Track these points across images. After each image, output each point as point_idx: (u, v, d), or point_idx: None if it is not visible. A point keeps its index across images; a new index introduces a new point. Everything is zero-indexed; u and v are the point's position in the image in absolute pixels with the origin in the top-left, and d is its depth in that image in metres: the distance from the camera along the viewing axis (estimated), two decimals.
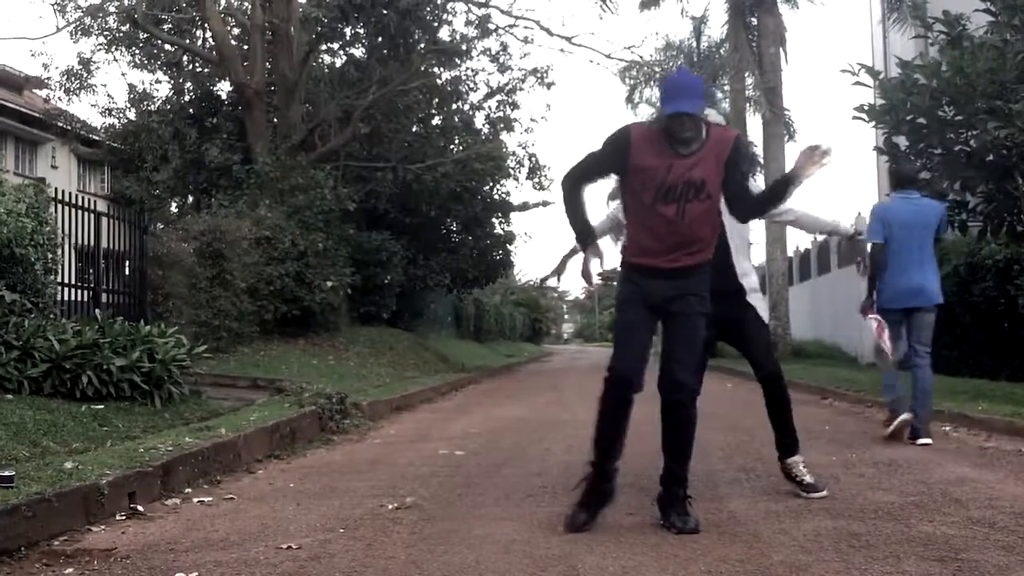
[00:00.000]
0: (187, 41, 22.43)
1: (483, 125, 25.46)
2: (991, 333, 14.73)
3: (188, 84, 23.55)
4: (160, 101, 23.45)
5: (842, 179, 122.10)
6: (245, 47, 20.96)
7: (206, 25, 21.01)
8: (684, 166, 4.27)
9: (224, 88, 22.93)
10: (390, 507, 4.93)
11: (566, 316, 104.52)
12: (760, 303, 5.31)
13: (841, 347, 23.93)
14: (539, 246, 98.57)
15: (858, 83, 9.78)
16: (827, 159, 4.30)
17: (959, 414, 8.47)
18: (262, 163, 17.95)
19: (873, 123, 10.00)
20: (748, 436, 7.93)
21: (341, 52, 23.96)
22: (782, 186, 4.47)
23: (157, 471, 5.23)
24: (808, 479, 5.17)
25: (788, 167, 4.58)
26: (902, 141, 10.00)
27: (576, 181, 4.52)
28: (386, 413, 10.55)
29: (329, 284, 16.59)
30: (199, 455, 5.81)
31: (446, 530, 4.36)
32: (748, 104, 27.20)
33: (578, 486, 4.49)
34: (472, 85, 24.82)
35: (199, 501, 5.18)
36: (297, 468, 6.54)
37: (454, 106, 24.91)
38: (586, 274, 4.82)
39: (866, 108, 9.85)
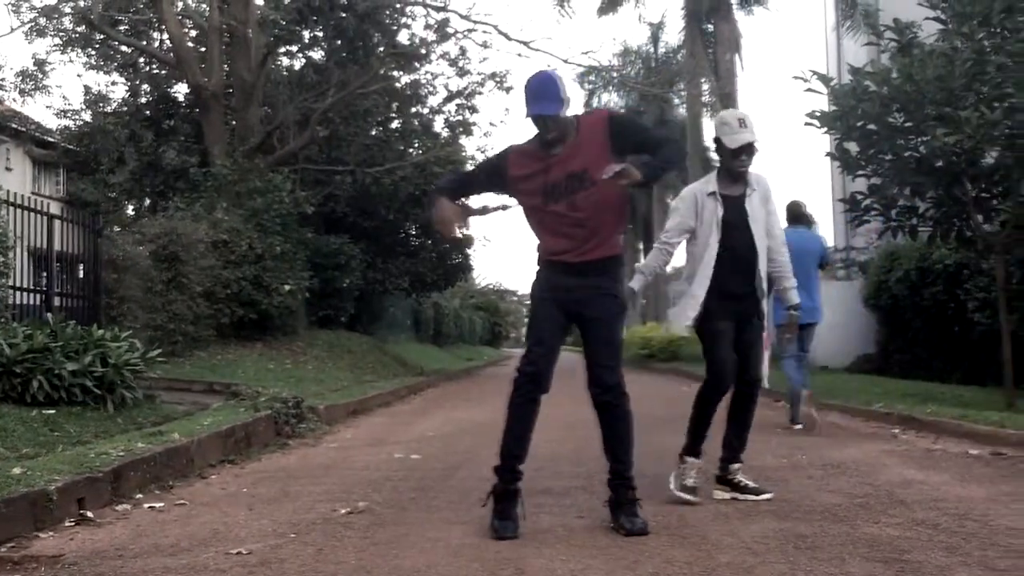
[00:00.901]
0: (144, 43, 22.27)
1: (442, 129, 25.44)
2: (942, 336, 14.98)
3: (145, 86, 23.38)
4: (116, 103, 23.27)
5: (797, 185, 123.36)
6: (202, 49, 20.85)
7: (163, 27, 20.84)
8: (560, 162, 4.37)
9: (181, 90, 22.83)
10: (342, 512, 4.92)
11: (525, 320, 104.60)
12: (767, 309, 5.40)
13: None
14: (499, 249, 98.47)
15: (810, 90, 9.92)
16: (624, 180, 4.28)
17: (908, 416, 8.59)
18: (219, 166, 17.84)
19: (825, 129, 10.13)
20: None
21: (300, 55, 23.88)
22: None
23: (108, 477, 5.19)
24: (751, 483, 5.26)
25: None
26: (853, 147, 10.13)
27: (447, 193, 4.61)
28: (343, 417, 10.51)
29: (287, 288, 16.51)
30: (151, 460, 5.77)
31: (398, 534, 4.36)
32: (704, 109, 27.43)
33: (488, 499, 4.48)
34: (431, 89, 24.81)
35: (150, 507, 5.15)
36: (251, 473, 6.52)
37: (413, 110, 24.88)
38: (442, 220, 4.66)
39: (818, 114, 9.97)
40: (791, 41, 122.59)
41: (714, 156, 20.03)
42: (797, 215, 8.90)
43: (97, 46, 22.28)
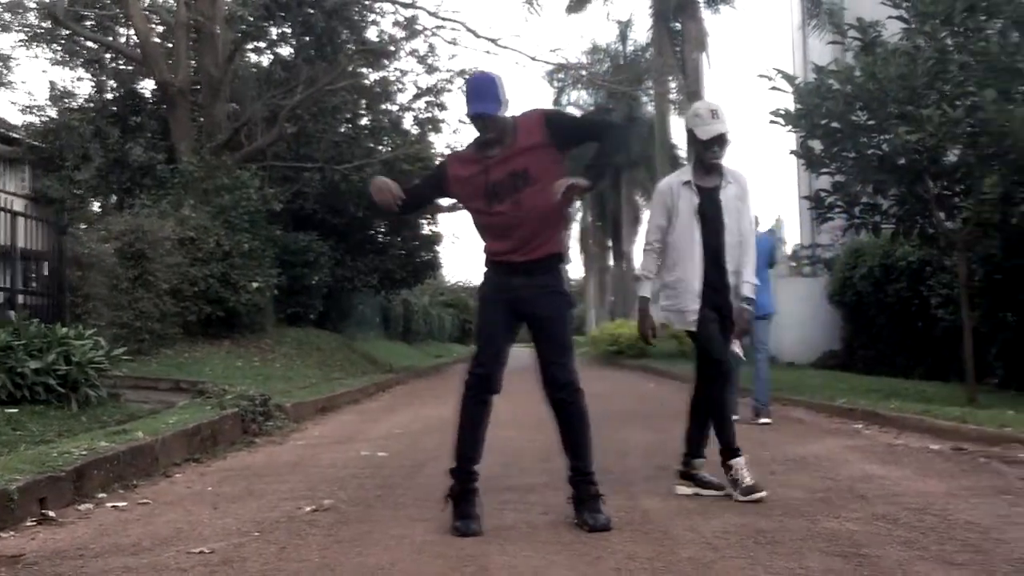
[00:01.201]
0: (110, 38, 22.03)
1: (411, 126, 25.40)
2: (905, 333, 15.12)
3: (111, 82, 23.14)
4: (82, 99, 23.01)
5: (764, 182, 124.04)
6: (169, 45, 20.66)
7: (129, 22, 20.66)
8: (499, 162, 4.42)
9: (148, 86, 22.59)
10: (307, 509, 4.92)
11: None
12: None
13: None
14: (468, 247, 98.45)
15: (775, 88, 9.98)
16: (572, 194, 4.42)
17: (871, 412, 8.67)
18: (186, 162, 17.72)
19: (789, 127, 10.20)
20: (667, 435, 8.02)
21: (268, 51, 23.78)
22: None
23: (70, 476, 5.15)
24: (749, 480, 5.21)
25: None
26: (817, 145, 10.21)
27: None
28: (310, 414, 10.50)
29: (255, 285, 16.44)
30: (114, 459, 5.74)
31: (362, 532, 4.37)
32: (672, 107, 27.56)
33: (446, 502, 4.49)
34: (400, 86, 24.75)
35: (113, 506, 5.12)
36: (216, 471, 6.49)
37: (382, 107, 24.82)
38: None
39: (782, 112, 10.05)
40: (758, 40, 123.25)
41: (682, 154, 20.28)
42: None
43: (63, 41, 22.05)
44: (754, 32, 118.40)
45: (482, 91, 4.39)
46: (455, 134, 34.53)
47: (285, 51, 23.21)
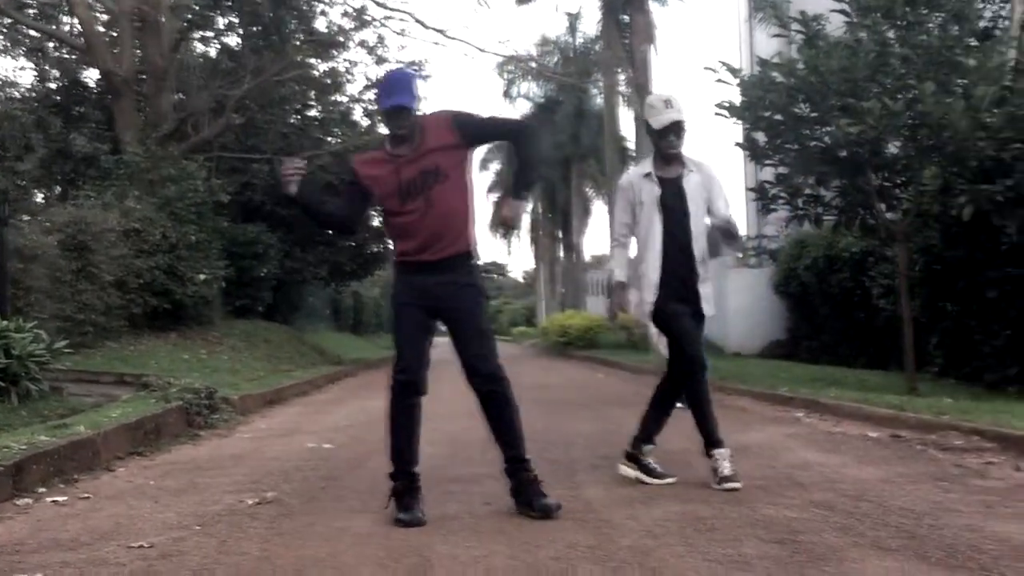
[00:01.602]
0: (53, 27, 21.71)
1: (361, 117, 25.32)
2: (848, 322, 15.35)
3: (54, 71, 22.86)
4: (24, 89, 22.70)
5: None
6: (113, 34, 20.40)
7: (72, 11, 20.35)
8: (409, 162, 4.44)
9: (91, 76, 22.33)
10: (249, 503, 4.90)
11: None
12: (708, 293, 5.35)
13: (708, 337, 24.50)
14: None
15: (720, 80, 10.07)
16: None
17: (812, 400, 8.79)
18: (131, 153, 17.50)
19: (734, 119, 10.29)
20: (614, 425, 8.11)
21: (214, 41, 23.56)
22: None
23: (8, 471, 5.09)
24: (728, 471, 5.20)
25: None
26: (762, 137, 10.32)
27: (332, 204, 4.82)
28: (257, 407, 10.43)
29: (202, 277, 16.30)
30: (54, 454, 5.68)
31: (304, 524, 4.36)
32: (621, 99, 27.68)
33: (389, 501, 4.50)
34: (350, 77, 24.67)
35: (52, 501, 5.06)
36: (160, 465, 6.44)
37: (332, 98, 24.69)
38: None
39: (727, 105, 10.13)
40: (707, 33, 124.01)
41: (631, 146, 20.37)
42: None
43: (4, 30, 21.71)
44: (702, 25, 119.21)
45: (401, 85, 4.44)
46: None
47: (232, 41, 23.06)
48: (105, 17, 21.18)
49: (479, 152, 4.90)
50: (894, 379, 11.36)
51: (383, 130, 20.72)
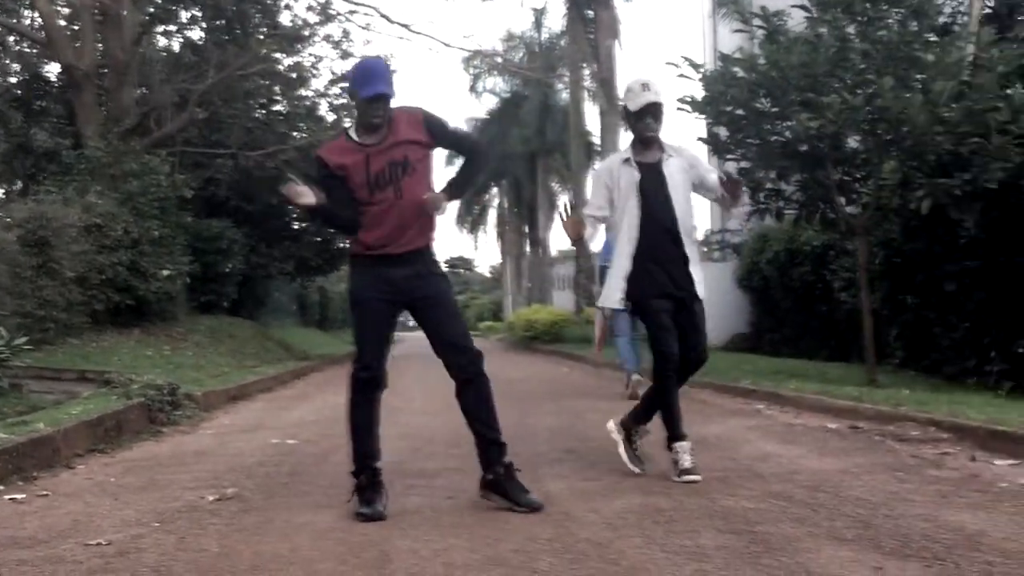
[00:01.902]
0: (13, 20, 21.44)
1: (327, 112, 25.20)
2: (810, 315, 15.48)
3: (14, 65, 22.54)
4: None
5: None
6: (75, 27, 20.19)
7: (32, 4, 20.12)
8: (379, 152, 4.43)
9: (52, 70, 22.05)
10: (210, 499, 4.90)
11: None
12: (698, 275, 5.32)
13: None
14: None
15: (682, 76, 10.13)
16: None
17: (772, 393, 8.88)
18: (93, 148, 17.32)
19: (696, 114, 10.35)
20: (576, 419, 8.18)
21: (177, 35, 23.34)
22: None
23: None
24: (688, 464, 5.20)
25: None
26: (723, 131, 10.39)
27: (334, 214, 4.64)
28: (222, 403, 10.39)
29: (165, 273, 16.17)
30: (13, 451, 5.63)
31: (264, 520, 4.36)
32: (586, 94, 27.77)
33: (352, 496, 4.50)
34: (315, 72, 24.55)
35: (11, 499, 5.03)
36: (120, 462, 6.41)
37: (298, 92, 24.57)
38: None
39: (689, 99, 10.19)
40: (671, 28, 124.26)
41: (596, 140, 20.43)
42: None
43: None
44: (667, 21, 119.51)
45: (380, 73, 4.42)
46: None
47: (195, 34, 22.86)
48: (66, 11, 20.94)
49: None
50: (855, 371, 11.47)
51: (348, 125, 20.65)
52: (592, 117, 28.64)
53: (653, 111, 5.23)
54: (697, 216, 7.66)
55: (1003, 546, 3.52)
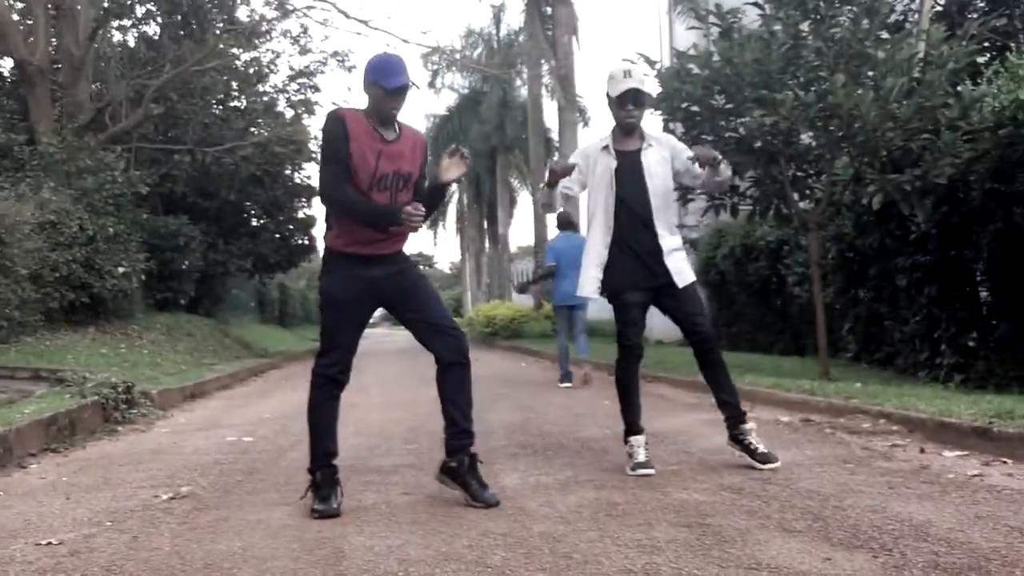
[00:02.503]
0: None
1: (285, 108, 25.11)
2: (765, 310, 15.63)
3: None
4: None
5: None
6: (29, 22, 19.95)
7: None
8: (390, 155, 4.41)
9: (5, 65, 21.79)
10: (164, 497, 4.87)
11: None
12: (682, 263, 5.32)
13: None
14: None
15: None
16: (467, 159, 4.58)
17: None
18: (46, 144, 17.10)
19: (651, 110, 10.39)
20: (533, 414, 8.21)
21: (133, 29, 23.15)
22: (436, 192, 4.65)
23: None
24: (763, 448, 5.23)
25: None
26: (679, 128, 10.44)
27: (341, 186, 4.38)
28: (178, 401, 10.33)
29: (121, 270, 16.02)
30: None
31: (218, 518, 4.35)
32: (544, 90, 27.83)
33: (307, 492, 4.49)
34: (273, 67, 24.44)
35: None
36: (74, 461, 6.36)
37: (256, 88, 24.44)
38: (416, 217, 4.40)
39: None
40: (628, 24, 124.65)
41: (555, 136, 20.57)
42: (566, 223, 11.73)
43: None
44: (624, 17, 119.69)
45: (401, 66, 4.41)
46: None
47: (151, 29, 22.66)
48: (20, 5, 20.71)
49: None
50: (809, 365, 11.59)
51: (307, 121, 20.54)
52: (551, 113, 28.80)
53: (634, 98, 5.23)
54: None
55: (949, 536, 3.57)
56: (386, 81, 4.34)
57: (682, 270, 5.30)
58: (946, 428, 5.86)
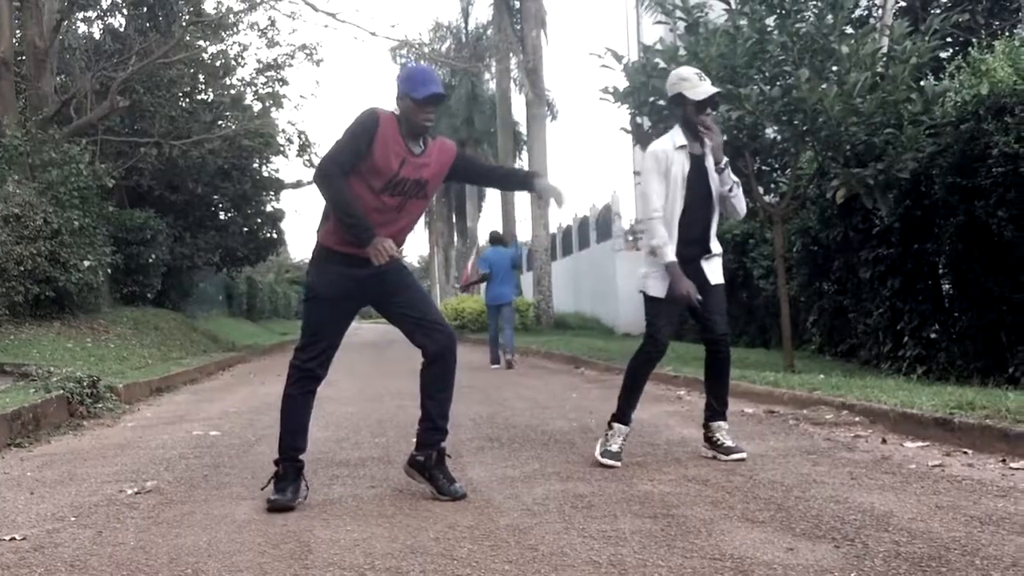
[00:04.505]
0: None
1: (252, 101, 24.95)
2: (731, 302, 15.68)
3: None
4: None
5: (599, 157, 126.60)
6: None
7: None
8: (415, 164, 4.39)
9: None
10: (129, 492, 4.85)
11: None
12: (716, 264, 5.35)
13: (599, 319, 24.87)
14: (312, 223, 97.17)
15: (604, 66, 10.22)
16: (562, 204, 4.62)
17: (694, 379, 8.99)
18: (11, 136, 16.91)
19: (618, 103, 10.44)
20: (500, 407, 8.24)
21: (98, 21, 22.93)
22: (522, 185, 4.70)
23: None
24: (729, 442, 5.29)
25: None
26: (646, 121, 10.49)
27: (339, 174, 4.31)
28: (145, 395, 10.27)
29: (86, 264, 15.88)
30: None
31: (183, 513, 4.34)
32: (513, 84, 27.84)
33: (269, 482, 4.49)
34: (241, 60, 24.28)
35: None
36: (39, 456, 6.31)
37: (223, 81, 24.28)
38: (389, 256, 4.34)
39: (611, 90, 10.28)
40: (597, 19, 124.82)
41: (523, 130, 20.65)
42: (496, 239, 14.38)
43: None
44: (592, 11, 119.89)
45: (432, 75, 4.42)
46: (296, 110, 34.07)
47: (116, 21, 22.46)
48: None
49: None
50: (774, 356, 11.69)
51: (275, 114, 20.34)
52: (519, 107, 28.84)
53: (712, 102, 5.28)
54: (624, 204, 7.78)
55: (910, 526, 3.63)
56: (416, 91, 4.32)
57: (715, 270, 5.35)
58: (908, 419, 5.94)
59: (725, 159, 5.25)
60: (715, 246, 5.36)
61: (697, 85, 5.19)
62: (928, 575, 3.03)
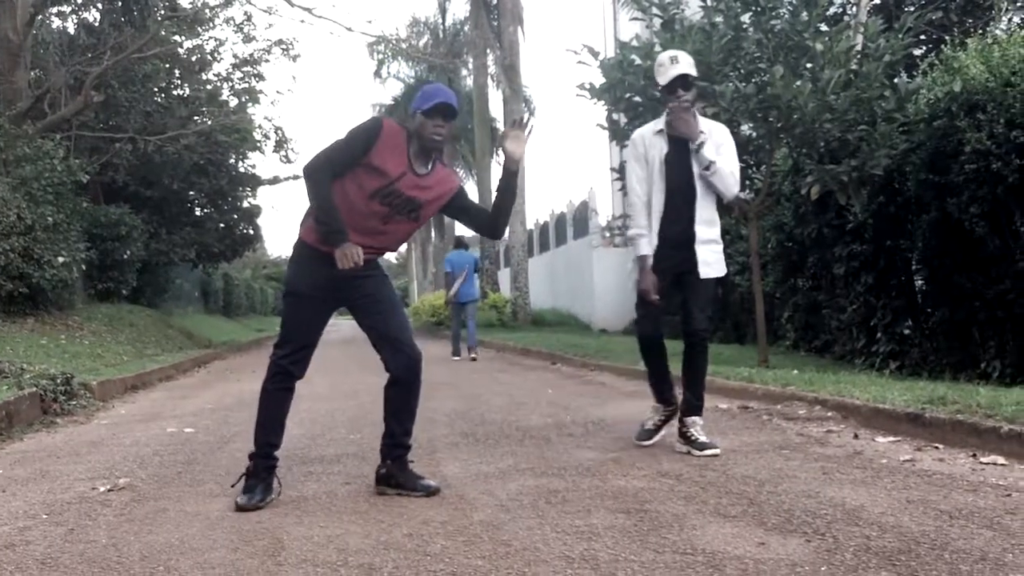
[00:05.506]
0: None
1: (229, 97, 24.85)
2: None
3: None
4: None
5: (576, 153, 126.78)
6: None
7: None
8: (414, 183, 4.36)
9: None
10: (102, 489, 4.83)
11: None
12: (713, 255, 5.34)
13: (576, 316, 24.90)
14: (289, 219, 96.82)
15: (581, 62, 10.23)
16: (528, 129, 4.54)
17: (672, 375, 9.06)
18: None
19: (594, 100, 10.45)
20: (476, 402, 8.25)
21: (73, 16, 22.78)
22: (509, 180, 4.53)
23: None
24: (702, 438, 5.33)
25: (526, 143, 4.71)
26: (623, 118, 10.51)
27: (327, 173, 4.27)
28: (119, 393, 10.23)
29: (60, 260, 15.76)
30: None
31: (156, 510, 4.32)
32: (490, 80, 27.80)
33: (240, 479, 4.48)
34: (217, 55, 24.17)
35: None
36: (10, 453, 6.27)
37: (199, 76, 24.17)
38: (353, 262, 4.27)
39: (588, 86, 10.30)
40: (574, 15, 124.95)
41: (500, 127, 20.84)
42: (459, 243, 15.80)
43: None
44: (570, 8, 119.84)
45: (441, 89, 4.39)
46: (273, 105, 33.97)
47: (91, 16, 22.30)
48: None
49: None
50: (749, 352, 11.74)
51: (251, 109, 20.24)
52: (497, 103, 28.83)
53: (683, 83, 5.28)
54: (601, 201, 7.80)
55: (880, 520, 3.66)
56: (424, 104, 4.30)
57: (711, 260, 5.34)
58: (880, 414, 5.99)
59: (700, 140, 5.24)
60: (707, 231, 5.33)
61: (668, 70, 5.29)
62: (898, 569, 3.05)
